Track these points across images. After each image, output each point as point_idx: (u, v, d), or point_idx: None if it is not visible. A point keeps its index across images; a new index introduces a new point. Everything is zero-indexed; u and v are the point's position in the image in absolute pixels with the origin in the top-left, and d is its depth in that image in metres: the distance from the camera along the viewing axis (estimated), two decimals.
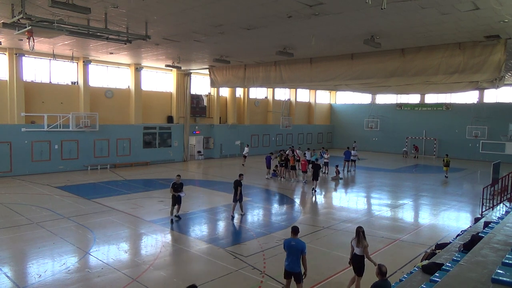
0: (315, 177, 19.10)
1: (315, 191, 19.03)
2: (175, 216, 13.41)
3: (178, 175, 13.86)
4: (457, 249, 7.52)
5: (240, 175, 14.83)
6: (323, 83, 20.22)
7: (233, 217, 13.99)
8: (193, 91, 31.09)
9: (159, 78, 29.66)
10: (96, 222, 12.87)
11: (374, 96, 41.21)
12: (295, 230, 7.47)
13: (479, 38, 14.21)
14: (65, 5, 10.75)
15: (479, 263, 5.37)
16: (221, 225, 13.31)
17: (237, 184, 14.11)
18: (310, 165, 21.98)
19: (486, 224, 8.92)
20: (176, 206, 13.39)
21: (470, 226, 11.35)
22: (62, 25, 12.28)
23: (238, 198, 14.06)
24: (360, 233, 7.76)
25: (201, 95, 32.05)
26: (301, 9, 11.61)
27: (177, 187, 13.40)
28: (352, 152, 26.48)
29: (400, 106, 39.83)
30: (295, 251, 7.21)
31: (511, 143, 25.78)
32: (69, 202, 15.71)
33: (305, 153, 25.29)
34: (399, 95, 38.48)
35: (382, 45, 15.46)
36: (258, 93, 37.34)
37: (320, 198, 18.34)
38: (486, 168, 24.46)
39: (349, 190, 20.35)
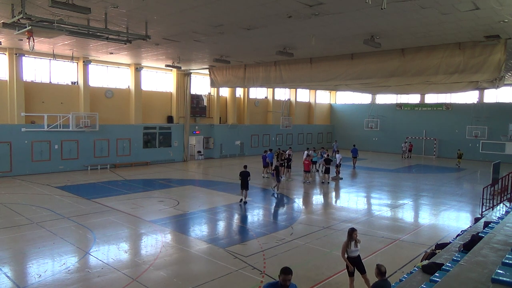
0: (327, 171, 21.35)
1: (328, 183, 21.32)
2: (244, 202, 15.79)
3: (245, 165, 16.79)
4: (457, 249, 7.52)
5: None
6: (323, 83, 20.22)
7: (274, 194, 18.17)
8: (193, 91, 31.09)
9: (159, 78, 29.66)
10: (96, 222, 12.86)
11: (374, 96, 41.21)
12: (286, 271, 4.97)
13: (479, 38, 14.21)
14: (65, 5, 10.75)
15: (479, 263, 5.37)
16: (221, 225, 13.31)
17: (276, 169, 18.49)
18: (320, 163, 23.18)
19: (486, 224, 8.91)
20: (244, 192, 15.79)
21: (470, 226, 11.34)
22: (62, 25, 12.28)
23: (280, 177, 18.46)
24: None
25: (201, 95, 32.05)
26: (301, 9, 11.61)
27: (244, 176, 15.76)
28: (338, 155, 24.82)
29: (400, 106, 39.83)
30: None
31: (511, 143, 25.77)
32: (69, 202, 15.71)
33: (309, 154, 25.23)
34: (399, 95, 38.47)
35: (382, 45, 15.46)
36: (258, 93, 37.34)
37: (320, 198, 18.35)
38: (486, 168, 24.47)
39: (349, 190, 20.34)
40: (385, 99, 40.96)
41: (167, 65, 24.73)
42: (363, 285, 7.90)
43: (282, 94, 39.81)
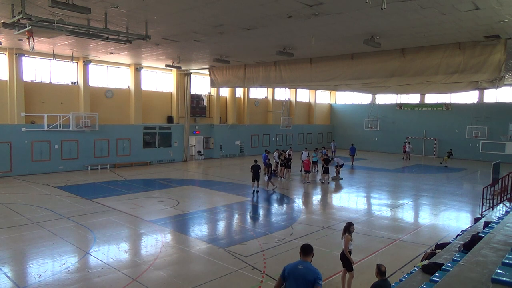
0: (326, 171, 21.49)
1: (328, 182, 21.57)
2: (256, 190, 17.93)
3: (255, 160, 19.12)
4: (457, 249, 7.52)
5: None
6: (323, 83, 20.22)
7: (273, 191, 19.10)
8: (193, 91, 31.08)
9: (159, 78, 29.67)
10: (96, 222, 12.86)
11: (374, 96, 41.20)
12: (305, 250, 5.11)
13: (479, 38, 14.21)
14: (65, 5, 10.75)
15: (479, 263, 5.37)
16: (221, 225, 13.31)
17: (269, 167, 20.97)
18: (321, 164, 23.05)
19: (486, 224, 8.92)
20: (255, 182, 17.80)
21: (470, 226, 11.34)
22: (62, 25, 12.28)
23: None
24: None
25: (201, 95, 32.05)
26: (301, 9, 11.61)
27: (255, 168, 17.84)
28: (335, 159, 24.22)
29: (400, 106, 39.83)
30: (301, 282, 4.80)
31: (511, 143, 25.76)
32: (69, 202, 15.71)
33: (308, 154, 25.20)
34: (399, 95, 38.48)
35: (382, 45, 15.46)
36: (258, 93, 37.33)
37: (320, 198, 18.35)
38: (486, 168, 24.47)
39: (349, 190, 20.35)
40: (385, 99, 40.96)
41: (167, 65, 24.73)
42: (360, 285, 7.90)
43: (282, 94, 39.81)
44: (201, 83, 32.12)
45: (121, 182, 20.75)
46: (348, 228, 8.09)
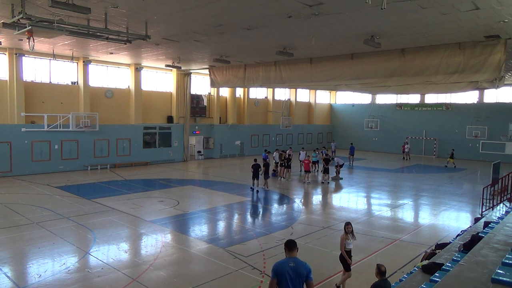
0: (326, 171, 21.69)
1: (328, 183, 21.56)
2: (256, 190, 18.42)
3: (255, 159, 19.76)
4: (457, 249, 7.52)
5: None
6: (323, 83, 20.22)
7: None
8: (193, 91, 31.08)
9: (159, 78, 29.66)
10: (96, 222, 12.86)
11: (374, 96, 41.21)
12: (290, 245, 5.15)
13: (479, 38, 14.21)
14: (65, 5, 10.75)
15: (479, 263, 5.37)
16: (221, 225, 13.31)
17: (266, 167, 19.66)
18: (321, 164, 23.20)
19: (486, 224, 8.92)
20: (255, 180, 18.40)
21: (470, 226, 11.34)
22: (62, 25, 12.29)
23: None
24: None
25: (201, 95, 32.05)
26: (301, 9, 11.61)
27: (255, 167, 18.43)
28: (336, 159, 24.19)
29: (400, 106, 39.84)
30: (295, 278, 4.92)
31: (511, 143, 25.76)
32: (69, 202, 15.71)
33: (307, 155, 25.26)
34: (399, 95, 38.49)
35: (382, 45, 15.46)
36: (258, 93, 37.33)
37: (320, 198, 18.35)
38: (486, 168, 24.47)
39: (349, 190, 20.35)
40: (385, 99, 40.96)
41: (167, 65, 24.73)
42: (360, 285, 7.90)
43: (282, 94, 39.81)
44: (201, 83, 32.12)
45: (121, 182, 20.75)
46: (344, 227, 8.13)
